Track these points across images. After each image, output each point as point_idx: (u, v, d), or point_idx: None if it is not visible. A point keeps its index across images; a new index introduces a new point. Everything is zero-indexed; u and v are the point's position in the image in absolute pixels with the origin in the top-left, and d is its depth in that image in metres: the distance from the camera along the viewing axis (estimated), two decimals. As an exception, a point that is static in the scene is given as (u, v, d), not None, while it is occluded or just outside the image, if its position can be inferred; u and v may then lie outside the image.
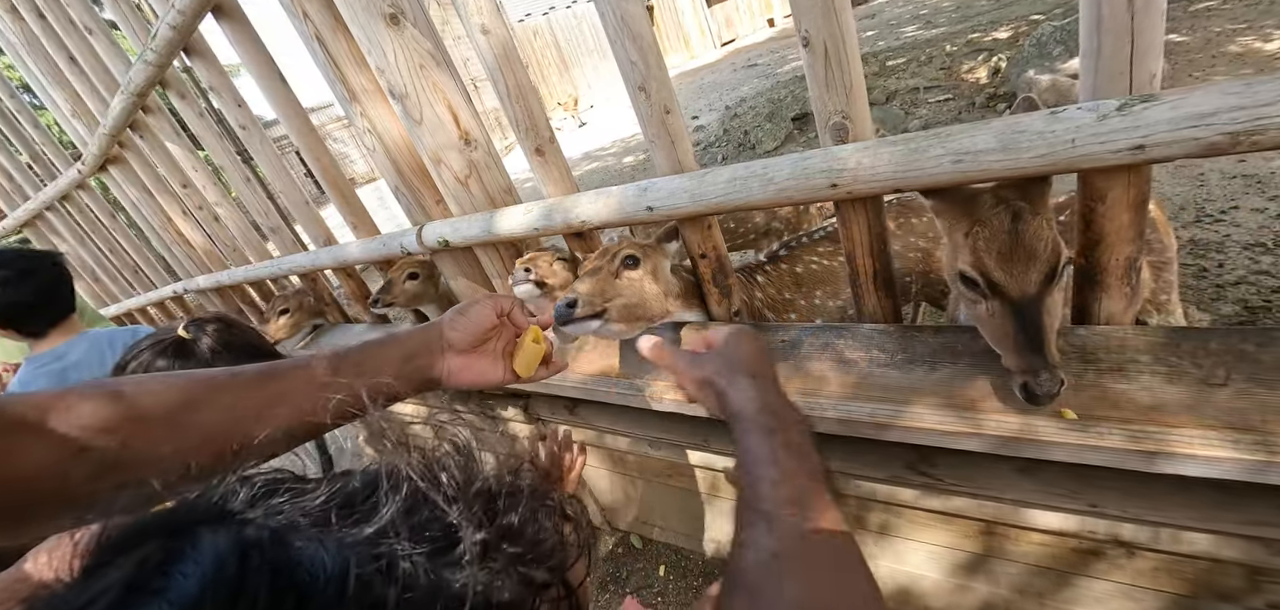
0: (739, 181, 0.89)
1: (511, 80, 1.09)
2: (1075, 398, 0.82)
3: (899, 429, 0.86)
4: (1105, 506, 0.98)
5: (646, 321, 1.10)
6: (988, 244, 0.76)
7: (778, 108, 5.37)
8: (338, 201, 1.85)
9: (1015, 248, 0.74)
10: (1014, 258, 0.74)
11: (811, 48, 0.79)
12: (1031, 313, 0.74)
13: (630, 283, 1.05)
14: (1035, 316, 0.74)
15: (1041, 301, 0.75)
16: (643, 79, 0.92)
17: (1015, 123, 0.72)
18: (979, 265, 0.76)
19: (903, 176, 0.78)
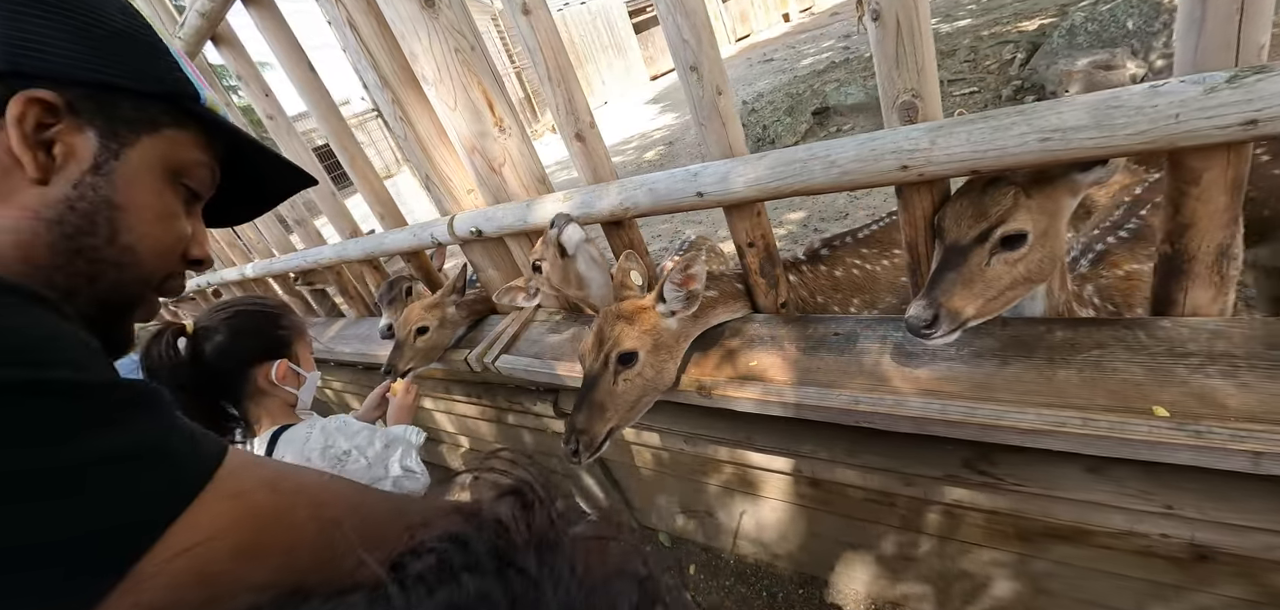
0: (798, 164, 0.85)
1: (553, 62, 1.06)
2: (1166, 393, 0.76)
3: (974, 428, 0.81)
4: (1182, 509, 0.92)
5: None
6: (953, 200, 0.83)
7: (797, 102, 5.29)
8: (365, 193, 1.83)
9: (967, 205, 0.80)
10: (961, 212, 0.80)
11: (882, 22, 0.74)
12: (950, 256, 0.80)
13: (630, 386, 0.99)
14: (953, 262, 0.79)
15: (966, 252, 0.79)
16: (695, 58, 0.88)
17: (1111, 97, 0.67)
18: (939, 216, 0.84)
19: (981, 157, 0.73)
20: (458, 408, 2.28)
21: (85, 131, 0.45)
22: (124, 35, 0.48)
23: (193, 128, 0.53)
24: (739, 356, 1.10)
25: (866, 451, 1.22)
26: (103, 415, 0.34)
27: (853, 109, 4.90)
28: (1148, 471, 0.95)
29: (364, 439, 1.10)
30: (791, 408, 0.99)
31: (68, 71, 0.44)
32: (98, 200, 0.46)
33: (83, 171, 0.45)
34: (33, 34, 0.43)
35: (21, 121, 0.42)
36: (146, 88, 0.49)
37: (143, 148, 0.49)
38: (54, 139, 0.44)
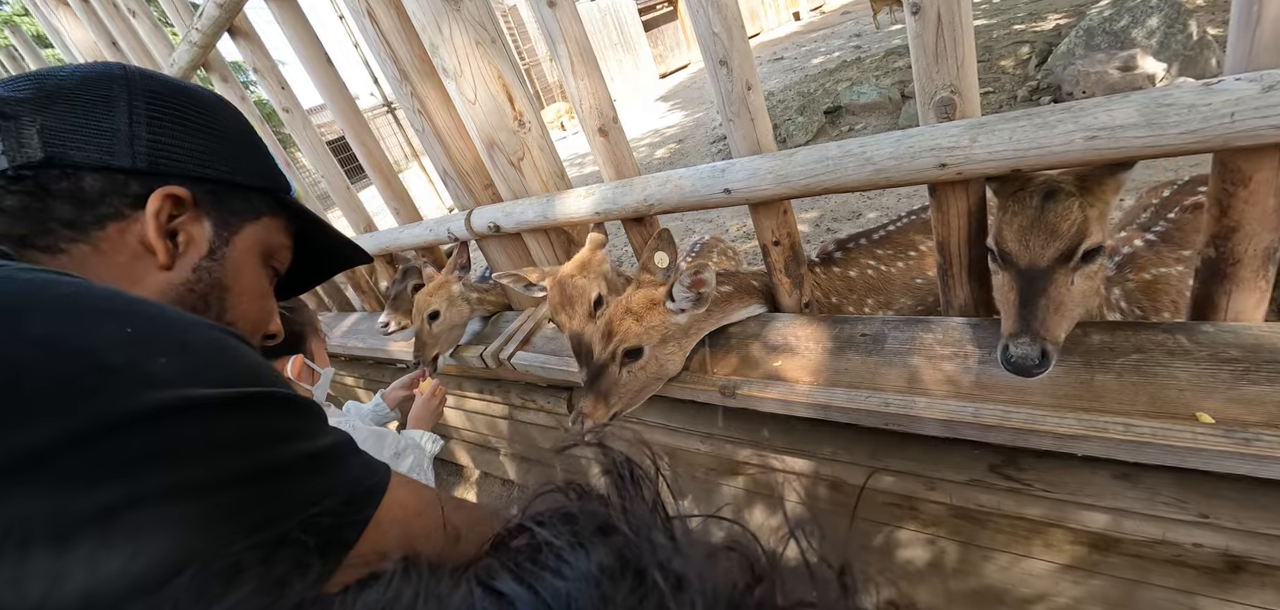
0: (831, 161, 0.83)
1: (575, 53, 1.04)
2: (1210, 399, 0.74)
3: (1009, 432, 0.80)
4: (1218, 519, 0.90)
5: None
6: (1011, 217, 0.77)
7: (809, 101, 5.25)
8: (381, 186, 1.83)
9: (1034, 223, 0.75)
10: (1030, 231, 0.75)
11: (922, 15, 0.72)
12: (1034, 283, 0.75)
13: (634, 377, 1.02)
14: (1038, 287, 0.74)
15: (1050, 275, 0.75)
16: (725, 52, 0.87)
17: (1162, 95, 0.65)
18: (998, 237, 0.78)
19: (1023, 156, 0.71)
20: (468, 403, 2.27)
21: (203, 222, 0.52)
22: (236, 138, 0.56)
23: (283, 215, 0.61)
24: (763, 357, 1.09)
25: (889, 455, 1.21)
26: (320, 420, 0.41)
27: (865, 108, 4.86)
28: (1181, 479, 0.93)
29: (373, 444, 1.09)
30: (818, 409, 0.97)
31: (194, 170, 0.51)
32: (211, 283, 0.52)
33: (200, 257, 0.51)
34: (167, 138, 0.50)
35: (158, 215, 0.48)
36: (253, 183, 0.56)
37: (247, 235, 0.56)
38: (178, 229, 0.50)
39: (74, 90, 0.46)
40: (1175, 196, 1.37)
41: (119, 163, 0.46)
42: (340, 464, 0.41)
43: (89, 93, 0.47)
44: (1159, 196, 1.40)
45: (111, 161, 0.46)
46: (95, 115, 0.46)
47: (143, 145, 0.47)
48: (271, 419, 0.37)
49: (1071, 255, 0.73)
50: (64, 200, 0.45)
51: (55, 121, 0.45)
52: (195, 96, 0.54)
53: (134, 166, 0.47)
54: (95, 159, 0.46)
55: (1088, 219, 0.73)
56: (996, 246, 0.79)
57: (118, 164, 0.46)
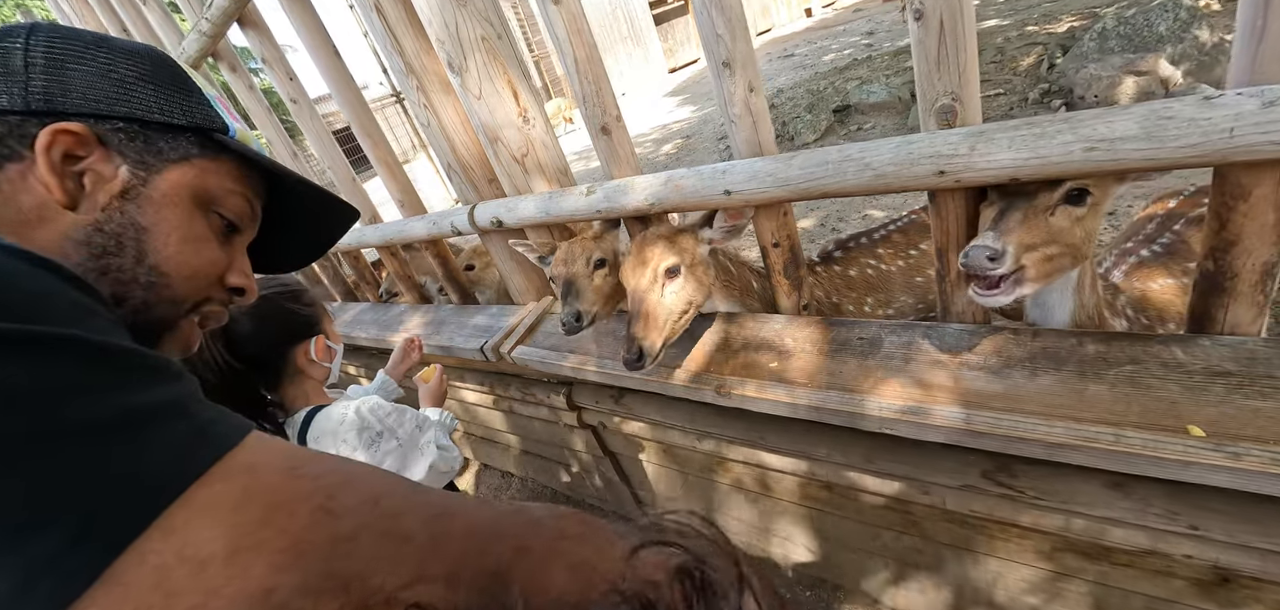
0: (831, 166, 0.83)
1: (581, 53, 1.05)
2: (1202, 413, 0.75)
3: (999, 439, 0.80)
4: (1209, 531, 0.91)
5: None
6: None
7: (818, 99, 5.22)
8: (386, 178, 1.84)
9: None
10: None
11: (925, 22, 0.72)
12: (1015, 199, 0.77)
13: (676, 297, 1.05)
14: (1018, 202, 0.77)
15: (1033, 195, 0.77)
16: (728, 54, 0.87)
17: (1162, 107, 0.65)
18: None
19: (1022, 166, 0.71)
20: (468, 396, 2.29)
21: (114, 161, 0.49)
22: (154, 78, 0.53)
23: (225, 159, 0.57)
24: (759, 357, 1.10)
25: (883, 457, 1.21)
26: (138, 373, 0.32)
27: (875, 107, 4.82)
28: (1173, 491, 0.93)
29: (394, 420, 1.11)
30: (812, 411, 0.98)
31: (98, 109, 0.49)
32: (125, 222, 0.49)
33: (111, 198, 0.49)
34: (67, 78, 0.48)
35: (48, 151, 0.46)
36: (176, 121, 0.53)
37: (172, 175, 0.52)
38: (85, 170, 0.48)
39: None
40: (1181, 206, 1.36)
41: (11, 105, 0.45)
42: (152, 427, 0.30)
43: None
44: (1165, 207, 1.39)
45: (5, 104, 0.45)
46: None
47: (37, 86, 0.46)
48: (53, 366, 0.28)
49: (1058, 183, 0.76)
50: None
51: None
52: (105, 39, 0.52)
53: (28, 107, 0.46)
54: None
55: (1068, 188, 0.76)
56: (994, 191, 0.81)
57: (9, 106, 0.45)
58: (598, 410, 1.75)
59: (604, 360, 1.34)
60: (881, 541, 1.43)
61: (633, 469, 1.97)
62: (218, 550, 0.28)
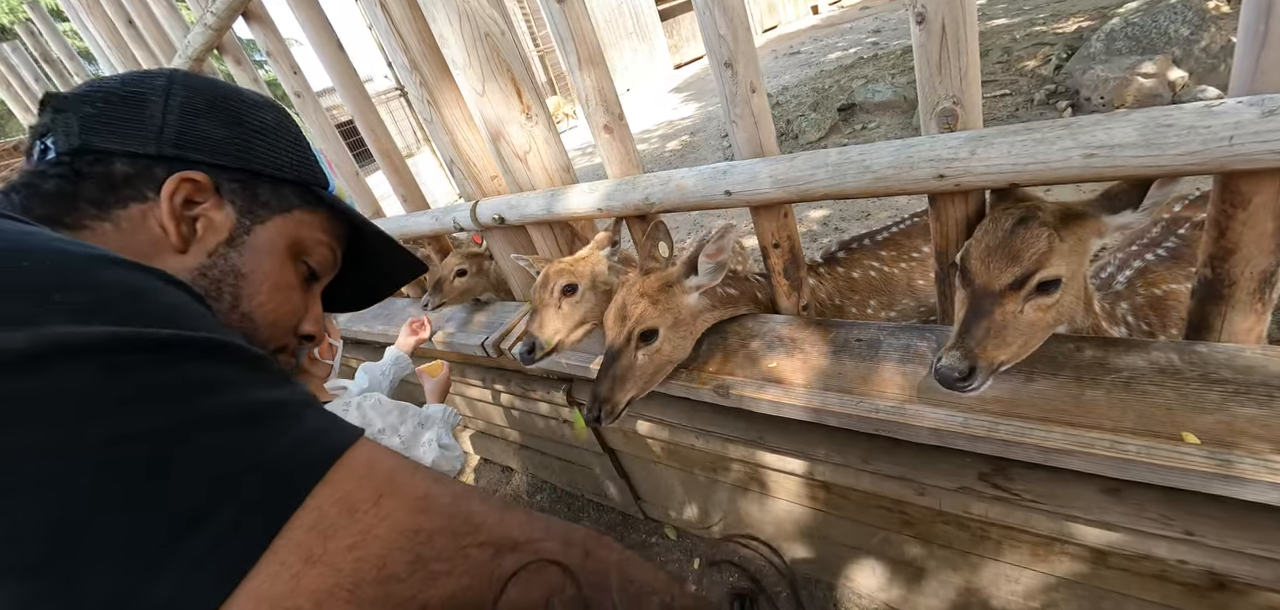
0: (831, 168, 0.84)
1: (584, 51, 1.05)
2: (1197, 420, 0.75)
3: (996, 443, 0.81)
4: (1203, 537, 0.91)
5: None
6: (981, 236, 0.79)
7: (822, 98, 5.20)
8: (389, 173, 1.85)
9: (1000, 246, 0.76)
10: (993, 253, 0.77)
11: (927, 25, 0.72)
12: (982, 305, 0.76)
13: (650, 360, 1.04)
14: (985, 310, 0.76)
15: (998, 300, 0.76)
16: (730, 54, 0.87)
17: (1162, 115, 0.65)
18: (964, 253, 0.81)
19: (1021, 171, 0.72)
20: (470, 391, 2.31)
21: (225, 209, 0.52)
22: (272, 133, 0.57)
23: (320, 211, 0.60)
24: (759, 358, 1.10)
25: (881, 459, 1.22)
26: (268, 371, 0.35)
27: (880, 106, 4.80)
28: (1168, 496, 0.94)
29: (396, 417, 1.12)
30: (810, 412, 0.99)
31: (219, 159, 0.52)
32: (227, 268, 0.52)
33: (218, 242, 0.52)
34: (197, 127, 0.51)
35: (172, 197, 0.49)
36: (283, 174, 0.57)
37: (273, 226, 0.55)
38: (198, 215, 0.51)
39: (119, 86, 0.50)
40: (1186, 211, 1.36)
41: (146, 149, 0.49)
42: (281, 422, 0.33)
43: (131, 88, 0.50)
44: (1170, 211, 1.39)
45: (139, 148, 0.48)
46: (130, 106, 0.49)
47: (171, 133, 0.50)
48: (192, 366, 0.31)
49: (1024, 283, 0.74)
50: (93, 182, 0.47)
51: (95, 111, 0.48)
52: (235, 93, 0.56)
53: (160, 153, 0.49)
54: (124, 145, 0.48)
55: (1052, 251, 0.73)
56: (960, 262, 0.81)
57: (145, 151, 0.49)
58: (597, 407, 1.76)
59: (604, 357, 1.35)
60: (877, 542, 1.44)
61: (632, 466, 1.98)
62: (365, 497, 0.32)
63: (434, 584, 0.31)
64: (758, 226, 1.06)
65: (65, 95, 0.49)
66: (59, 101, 0.49)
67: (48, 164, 0.47)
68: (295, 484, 0.30)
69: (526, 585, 0.33)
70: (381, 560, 0.30)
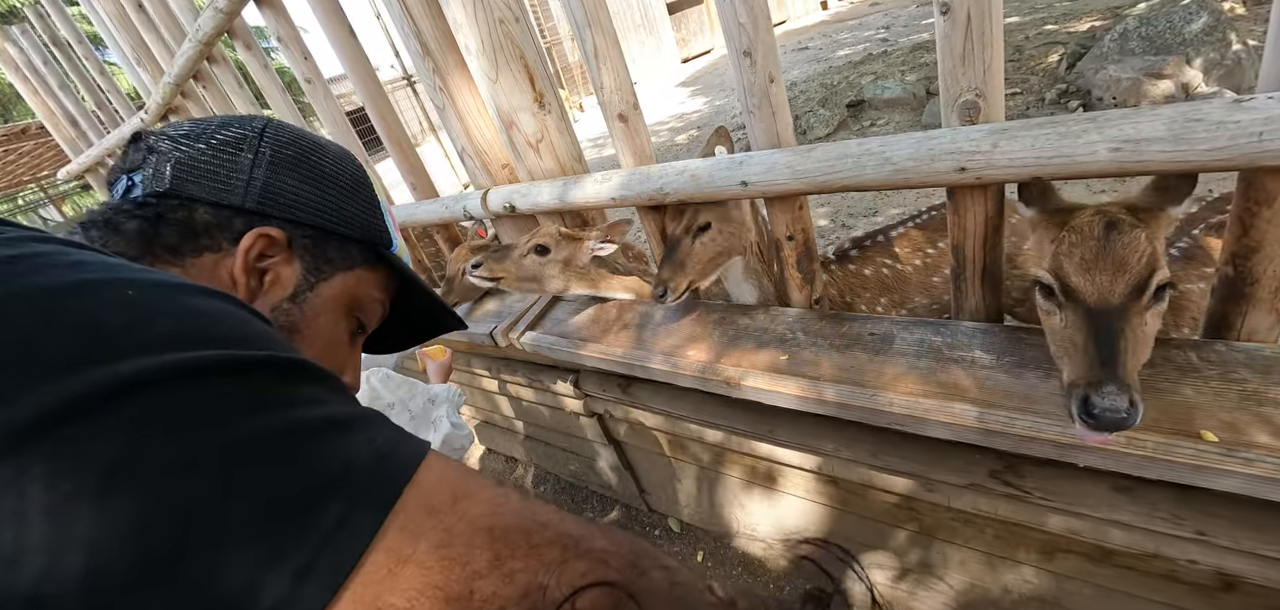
0: (850, 160, 0.83)
1: (600, 39, 1.05)
2: (1213, 419, 0.75)
3: (1012, 438, 0.80)
4: (1215, 537, 0.91)
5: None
6: (1072, 249, 0.70)
7: (832, 93, 5.17)
8: (399, 160, 1.85)
9: (1101, 254, 0.68)
10: (1097, 264, 0.68)
11: (952, 16, 0.72)
12: (1107, 322, 0.67)
13: (705, 247, 1.12)
14: (1112, 326, 0.66)
15: (1124, 314, 0.67)
16: (749, 43, 0.87)
17: (1191, 110, 0.64)
18: (1057, 270, 0.71)
19: (1046, 164, 0.71)
20: (478, 381, 2.31)
21: (294, 264, 0.53)
22: (347, 189, 0.57)
23: (380, 270, 0.60)
24: (769, 350, 1.10)
25: (890, 454, 1.22)
26: (341, 389, 0.37)
27: (889, 103, 4.77)
28: (1181, 495, 0.94)
29: (405, 392, 1.13)
30: (822, 405, 0.98)
31: (296, 215, 0.53)
32: (285, 323, 0.52)
33: (282, 298, 0.52)
34: (280, 182, 0.52)
35: (248, 251, 0.49)
36: (353, 233, 0.57)
37: (335, 283, 0.56)
38: (267, 268, 0.51)
39: (215, 131, 0.51)
40: (1201, 213, 1.35)
41: (231, 200, 0.50)
42: (365, 430, 0.35)
43: (225, 134, 0.51)
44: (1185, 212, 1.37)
45: (224, 198, 0.49)
46: (223, 155, 0.50)
47: (256, 188, 0.51)
48: (282, 382, 0.33)
49: (1142, 290, 0.67)
50: (173, 228, 0.48)
51: (189, 157, 0.50)
52: (320, 146, 0.56)
53: (243, 205, 0.50)
54: (211, 194, 0.49)
55: (1156, 252, 0.67)
56: (1057, 280, 0.71)
57: (229, 201, 0.50)
58: (604, 398, 1.76)
59: (612, 348, 1.35)
60: (884, 537, 1.44)
61: (638, 458, 1.99)
62: (444, 500, 0.34)
63: (511, 581, 0.32)
64: (772, 218, 1.06)
65: (160, 136, 0.50)
66: (154, 142, 0.50)
67: (132, 203, 0.48)
68: (387, 490, 0.32)
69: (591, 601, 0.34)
70: (465, 558, 0.32)
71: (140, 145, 0.50)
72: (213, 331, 0.33)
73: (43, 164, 7.76)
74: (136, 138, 0.51)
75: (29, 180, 8.65)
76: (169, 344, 0.29)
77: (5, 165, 7.24)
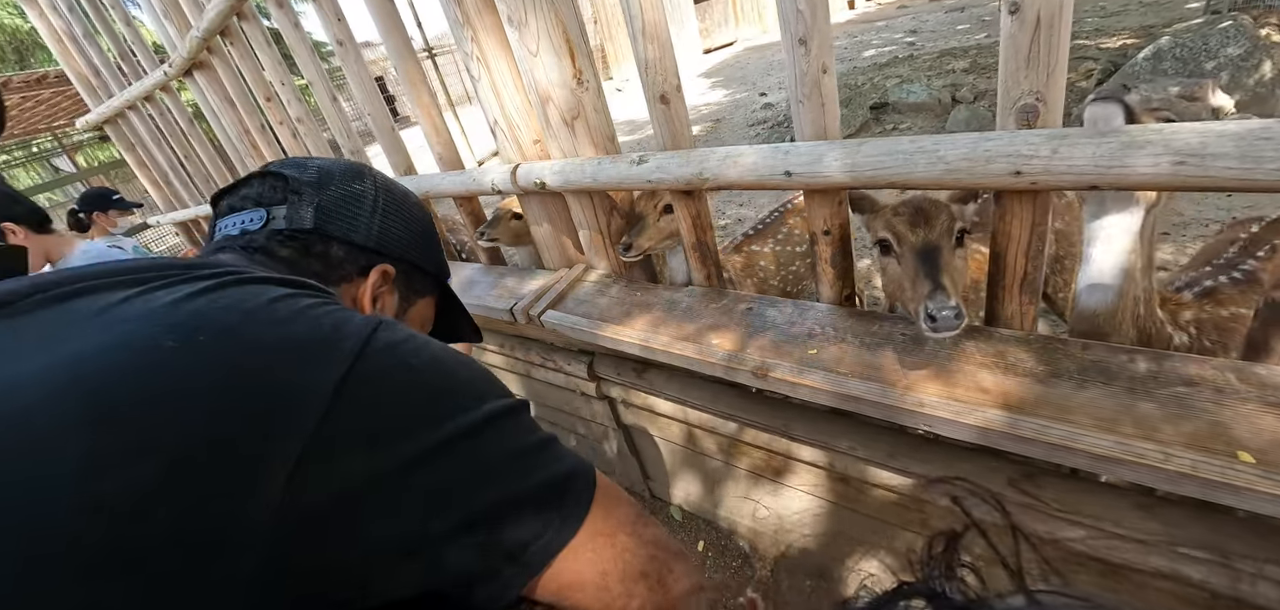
0: (901, 156, 0.82)
1: (650, 17, 1.04)
2: (1253, 440, 0.74)
3: (1043, 446, 0.80)
4: (1236, 561, 0.91)
5: None
6: (897, 213, 0.95)
7: (855, 94, 5.11)
8: (428, 131, 1.84)
9: (918, 211, 0.92)
10: (917, 217, 0.92)
11: (1021, 15, 0.70)
12: (932, 254, 0.89)
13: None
14: (935, 257, 0.88)
15: (940, 249, 0.89)
16: (806, 30, 0.86)
17: (1262, 128, 0.63)
18: (890, 227, 0.94)
19: (1104, 174, 0.70)
20: (487, 357, 2.32)
21: (394, 294, 0.67)
22: (426, 233, 0.72)
23: (438, 293, 0.77)
24: (798, 343, 1.10)
25: (907, 456, 1.22)
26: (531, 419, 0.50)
27: (913, 107, 4.72)
28: (1201, 515, 0.94)
29: None
30: (850, 401, 0.99)
31: (399, 252, 0.67)
32: None
33: None
34: (390, 226, 0.66)
35: (374, 285, 0.63)
36: (429, 268, 0.73)
37: (418, 309, 0.72)
38: (379, 297, 0.63)
39: (339, 179, 0.64)
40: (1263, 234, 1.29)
41: (357, 239, 0.62)
42: (559, 450, 0.48)
43: (349, 185, 0.64)
44: (1247, 231, 1.32)
45: (353, 238, 0.62)
46: (352, 205, 0.63)
47: (375, 230, 0.64)
48: (522, 423, 0.47)
49: (950, 234, 0.90)
50: (317, 259, 0.59)
51: (328, 202, 0.61)
52: (409, 199, 0.71)
53: (366, 245, 0.63)
54: (344, 234, 0.61)
55: (952, 211, 0.92)
56: (891, 235, 0.95)
57: (357, 240, 0.62)
58: (619, 381, 1.77)
59: (634, 332, 1.35)
60: (892, 540, 1.45)
61: (644, 444, 2.00)
62: (612, 503, 0.49)
63: (665, 584, 0.48)
64: (810, 211, 1.05)
65: (300, 182, 0.61)
66: (296, 186, 0.61)
67: (279, 234, 0.58)
68: (583, 494, 0.46)
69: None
70: (633, 551, 0.47)
71: (278, 183, 0.61)
72: (495, 384, 0.48)
73: (58, 113, 7.77)
74: (270, 175, 0.61)
75: (44, 129, 8.66)
76: (486, 394, 0.46)
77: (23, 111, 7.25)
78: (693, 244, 1.33)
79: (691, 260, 1.37)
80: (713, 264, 1.36)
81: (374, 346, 0.41)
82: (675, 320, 1.31)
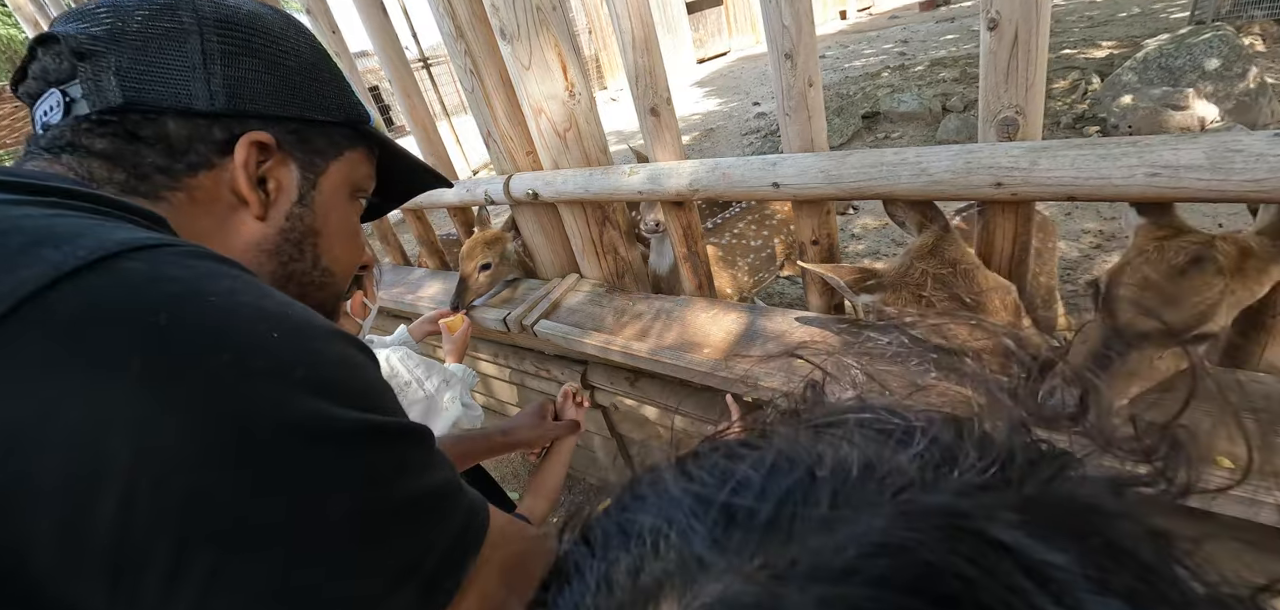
0: (886, 168, 0.84)
1: (639, 29, 1.05)
2: (1234, 446, 0.76)
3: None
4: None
5: None
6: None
7: (847, 104, 5.17)
8: (421, 141, 1.85)
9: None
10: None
11: (999, 31, 0.72)
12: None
13: None
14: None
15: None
16: (792, 46, 0.87)
17: (1232, 140, 0.65)
18: None
19: (1082, 185, 0.72)
20: (481, 366, 2.32)
21: (289, 166, 0.48)
22: (314, 70, 0.50)
23: (363, 146, 0.56)
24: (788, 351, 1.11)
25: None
26: (428, 455, 0.38)
27: (904, 117, 4.77)
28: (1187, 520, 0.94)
29: (422, 371, 1.14)
30: (840, 408, 0.99)
31: (273, 110, 0.47)
32: (304, 228, 0.50)
33: (290, 204, 0.49)
34: (242, 73, 0.45)
35: (247, 164, 0.45)
36: (334, 117, 0.51)
37: (332, 174, 0.52)
38: (267, 175, 0.47)
39: (145, 22, 0.42)
40: None
41: (197, 105, 0.43)
42: (456, 498, 0.38)
43: (157, 24, 0.43)
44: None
45: (190, 103, 0.43)
46: (168, 52, 0.42)
47: (218, 83, 0.44)
48: (395, 451, 0.35)
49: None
50: (151, 145, 0.42)
51: (129, 61, 0.41)
52: (265, 22, 0.47)
53: (212, 109, 0.43)
54: (172, 100, 0.42)
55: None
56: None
57: (195, 107, 0.43)
58: (612, 391, 1.77)
59: (627, 341, 1.36)
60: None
61: (640, 454, 2.00)
62: (501, 537, 0.41)
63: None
64: (798, 222, 1.06)
65: (81, 37, 0.41)
66: (77, 45, 0.41)
67: (86, 122, 0.41)
68: (466, 556, 0.37)
69: None
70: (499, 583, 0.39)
71: (60, 51, 0.41)
72: (348, 388, 0.34)
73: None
74: (46, 40, 0.42)
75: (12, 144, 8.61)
76: (303, 395, 0.32)
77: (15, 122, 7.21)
78: (684, 255, 1.34)
79: (683, 271, 1.38)
80: (704, 274, 1.37)
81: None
82: (667, 329, 1.32)
